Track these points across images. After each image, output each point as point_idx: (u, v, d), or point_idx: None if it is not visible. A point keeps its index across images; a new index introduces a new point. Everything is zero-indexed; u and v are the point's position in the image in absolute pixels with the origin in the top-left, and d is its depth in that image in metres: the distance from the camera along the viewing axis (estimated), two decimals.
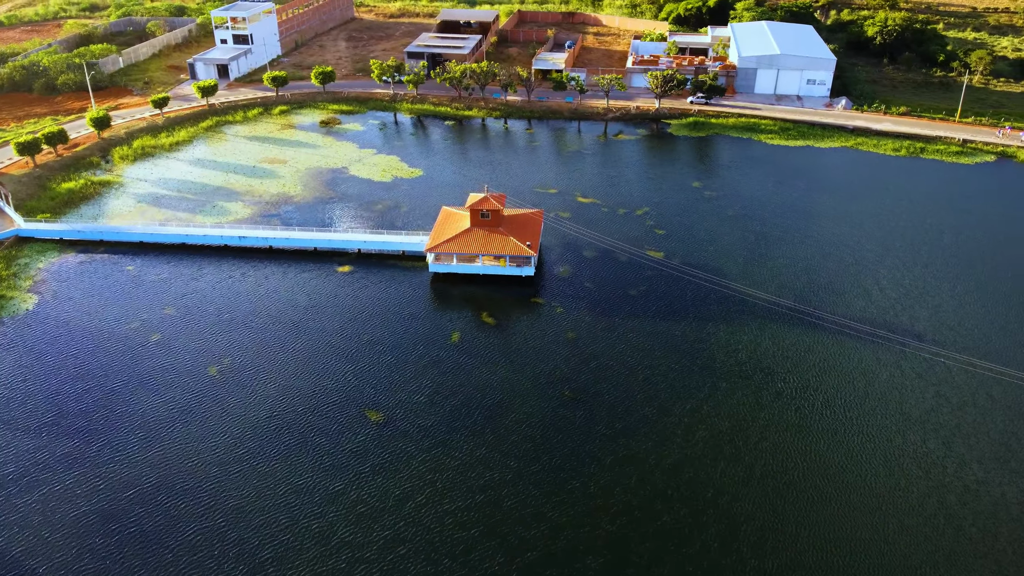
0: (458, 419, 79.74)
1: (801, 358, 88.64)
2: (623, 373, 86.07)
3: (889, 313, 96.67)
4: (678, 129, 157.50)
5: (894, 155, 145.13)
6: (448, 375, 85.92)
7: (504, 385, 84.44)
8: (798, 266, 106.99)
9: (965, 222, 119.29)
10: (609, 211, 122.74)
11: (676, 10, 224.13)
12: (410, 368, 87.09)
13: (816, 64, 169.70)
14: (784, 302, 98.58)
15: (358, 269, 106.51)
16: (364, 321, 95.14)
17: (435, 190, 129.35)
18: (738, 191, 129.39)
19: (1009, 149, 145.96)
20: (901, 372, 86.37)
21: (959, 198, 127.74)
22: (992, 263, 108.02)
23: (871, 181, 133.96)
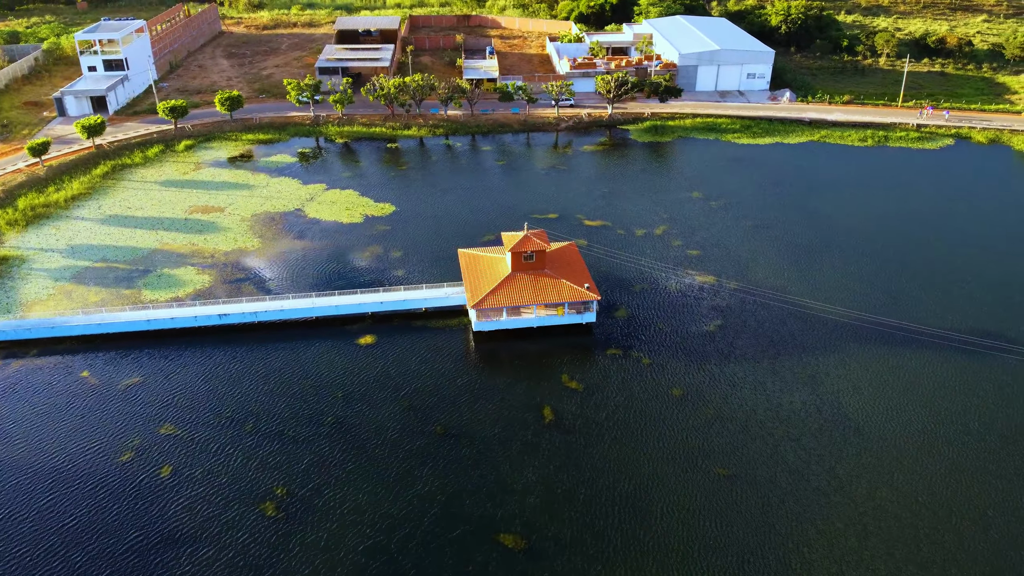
0: (614, 525, 64.52)
1: (955, 382, 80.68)
2: (764, 436, 74.06)
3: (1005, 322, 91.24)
4: (639, 135, 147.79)
5: (862, 145, 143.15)
6: (565, 466, 70.10)
7: (643, 470, 69.78)
8: (859, 275, 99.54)
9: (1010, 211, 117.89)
10: (626, 233, 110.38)
11: (577, 8, 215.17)
12: (511, 464, 70.44)
13: (756, 58, 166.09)
14: (869, 316, 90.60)
15: (382, 337, 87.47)
16: (424, 407, 77.00)
17: (421, 228, 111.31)
18: (741, 198, 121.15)
19: (962, 130, 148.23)
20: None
21: (969, 185, 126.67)
22: None
23: (861, 175, 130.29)
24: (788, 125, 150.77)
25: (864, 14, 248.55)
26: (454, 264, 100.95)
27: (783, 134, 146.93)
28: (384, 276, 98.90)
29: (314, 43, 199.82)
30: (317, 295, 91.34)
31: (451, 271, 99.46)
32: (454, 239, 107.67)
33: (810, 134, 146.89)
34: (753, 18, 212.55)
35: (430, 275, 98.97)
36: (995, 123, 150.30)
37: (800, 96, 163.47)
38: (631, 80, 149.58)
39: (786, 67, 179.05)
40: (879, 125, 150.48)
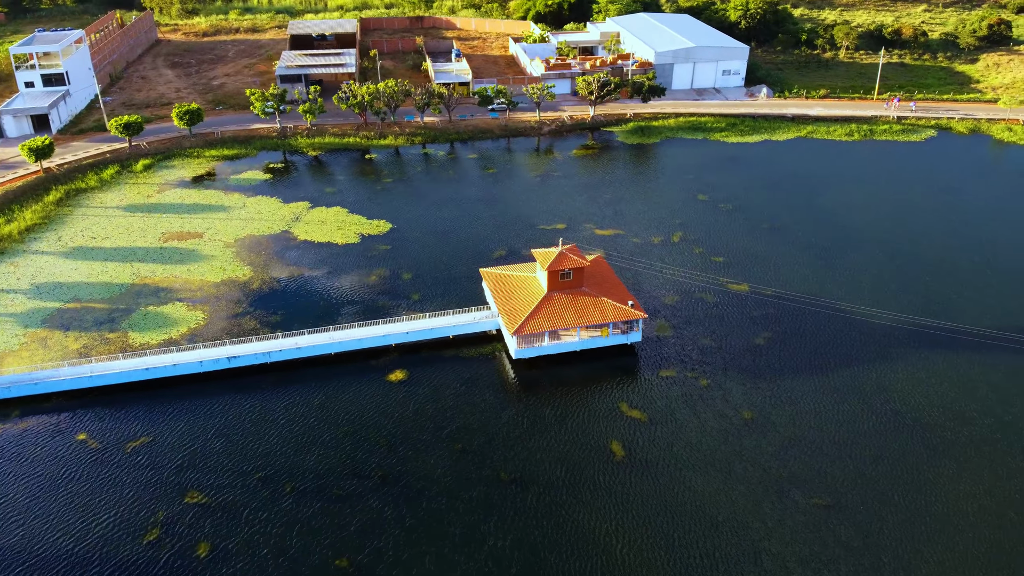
0: (729, 571, 58.65)
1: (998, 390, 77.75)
2: (843, 458, 69.45)
3: None
4: (626, 136, 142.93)
5: (849, 140, 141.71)
6: (648, 508, 63.86)
7: (738, 506, 64.06)
8: (888, 275, 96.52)
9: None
10: (642, 242, 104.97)
11: (534, 7, 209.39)
12: (587, 510, 63.77)
13: (730, 54, 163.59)
14: (913, 319, 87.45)
15: (412, 371, 79.47)
16: (475, 449, 69.54)
17: (425, 246, 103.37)
18: (749, 199, 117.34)
19: (942, 121, 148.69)
20: None
21: (969, 176, 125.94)
22: None
23: (859, 170, 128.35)
24: (772, 122, 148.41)
25: (810, 7, 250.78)
26: (472, 284, 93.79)
27: (770, 131, 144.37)
28: (399, 302, 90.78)
29: (263, 49, 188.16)
30: (334, 328, 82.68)
31: (470, 293, 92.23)
32: (464, 257, 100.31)
33: (796, 130, 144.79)
34: (710, 14, 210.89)
35: (448, 298, 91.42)
36: (964, 112, 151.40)
37: (777, 92, 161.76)
38: (614, 80, 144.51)
39: (758, 63, 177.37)
40: (860, 119, 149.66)
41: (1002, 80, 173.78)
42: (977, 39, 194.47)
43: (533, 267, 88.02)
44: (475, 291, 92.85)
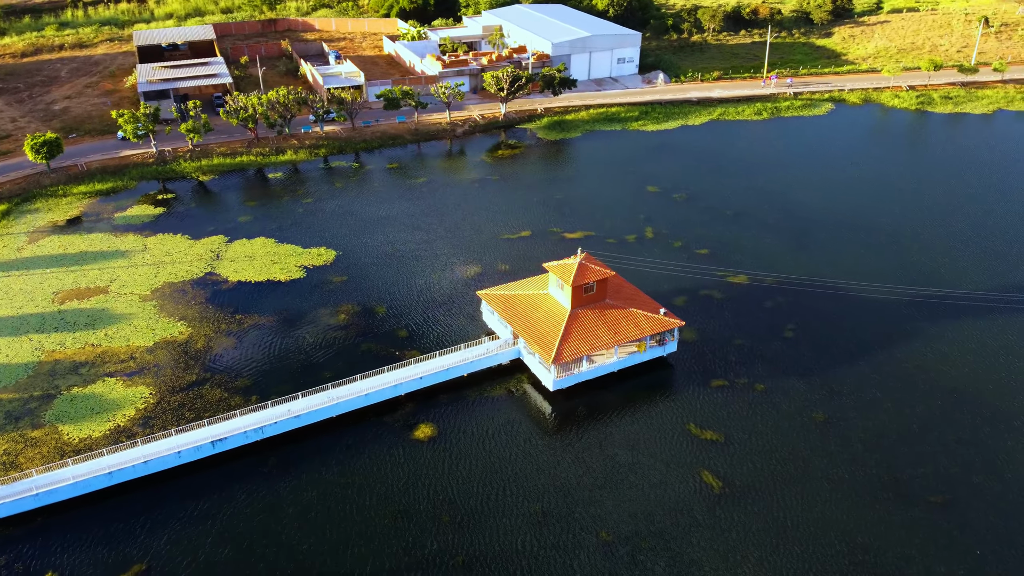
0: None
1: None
2: (928, 442, 65.41)
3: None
4: (545, 133, 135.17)
5: (759, 119, 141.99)
6: (779, 543, 56.43)
7: (867, 519, 57.82)
8: (866, 248, 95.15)
9: (961, 166, 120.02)
10: (618, 241, 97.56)
11: (396, 3, 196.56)
12: (715, 560, 55.44)
13: (625, 41, 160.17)
14: (915, 289, 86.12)
15: (439, 423, 67.21)
16: (559, 509, 59.07)
17: (385, 272, 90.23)
18: (697, 186, 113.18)
19: (833, 93, 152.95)
20: None
21: (887, 143, 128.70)
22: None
23: (782, 148, 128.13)
24: (681, 107, 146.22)
25: None
26: (460, 309, 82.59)
27: (683, 116, 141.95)
28: (387, 343, 77.69)
29: (100, 66, 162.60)
30: (332, 385, 68.53)
31: (462, 320, 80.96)
32: (436, 280, 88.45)
33: (708, 114, 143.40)
34: (577, 2, 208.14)
35: (441, 329, 79.56)
36: (836, 83, 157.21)
37: (673, 77, 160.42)
38: (524, 74, 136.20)
39: (646, 50, 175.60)
40: (759, 98, 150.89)
41: (865, 51, 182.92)
42: (827, 14, 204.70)
43: (539, 282, 78.18)
44: (467, 317, 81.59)
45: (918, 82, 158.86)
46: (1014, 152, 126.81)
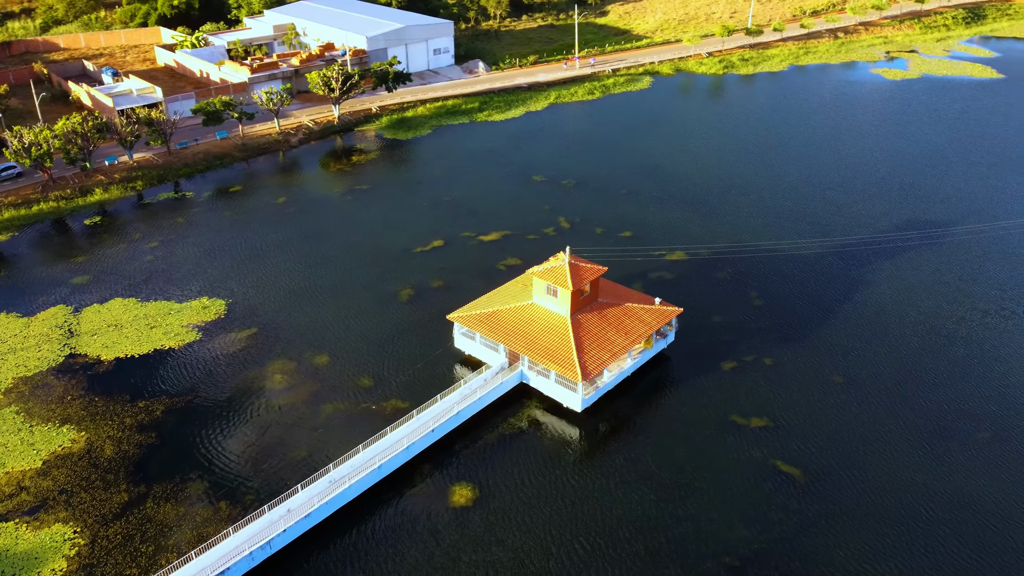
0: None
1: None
2: (957, 381, 65.96)
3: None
4: (391, 132, 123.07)
5: (592, 98, 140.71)
6: (909, 515, 52.91)
7: (953, 465, 56.21)
8: (768, 209, 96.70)
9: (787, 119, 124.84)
10: (539, 237, 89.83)
11: (153, 11, 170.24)
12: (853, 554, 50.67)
13: (439, 31, 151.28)
14: (844, 239, 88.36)
15: (476, 481, 55.63)
16: (670, 550, 51.01)
17: (302, 317, 74.97)
18: (577, 171, 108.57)
19: (646, 66, 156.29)
20: None
21: (726, 104, 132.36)
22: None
23: (633, 123, 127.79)
24: (515, 94, 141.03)
25: None
26: (421, 336, 70.79)
27: (523, 103, 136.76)
28: (352, 396, 63.78)
29: None
30: (334, 464, 53.98)
31: (428, 348, 69.11)
32: (370, 311, 75.14)
33: (545, 98, 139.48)
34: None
35: (406, 366, 67.13)
36: (635, 59, 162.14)
37: (493, 65, 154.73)
38: (355, 72, 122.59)
39: (459, 39, 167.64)
40: (583, 78, 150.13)
41: (648, 26, 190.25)
42: None
43: (512, 292, 68.74)
44: (430, 345, 69.78)
45: (715, 48, 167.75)
46: (827, 100, 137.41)
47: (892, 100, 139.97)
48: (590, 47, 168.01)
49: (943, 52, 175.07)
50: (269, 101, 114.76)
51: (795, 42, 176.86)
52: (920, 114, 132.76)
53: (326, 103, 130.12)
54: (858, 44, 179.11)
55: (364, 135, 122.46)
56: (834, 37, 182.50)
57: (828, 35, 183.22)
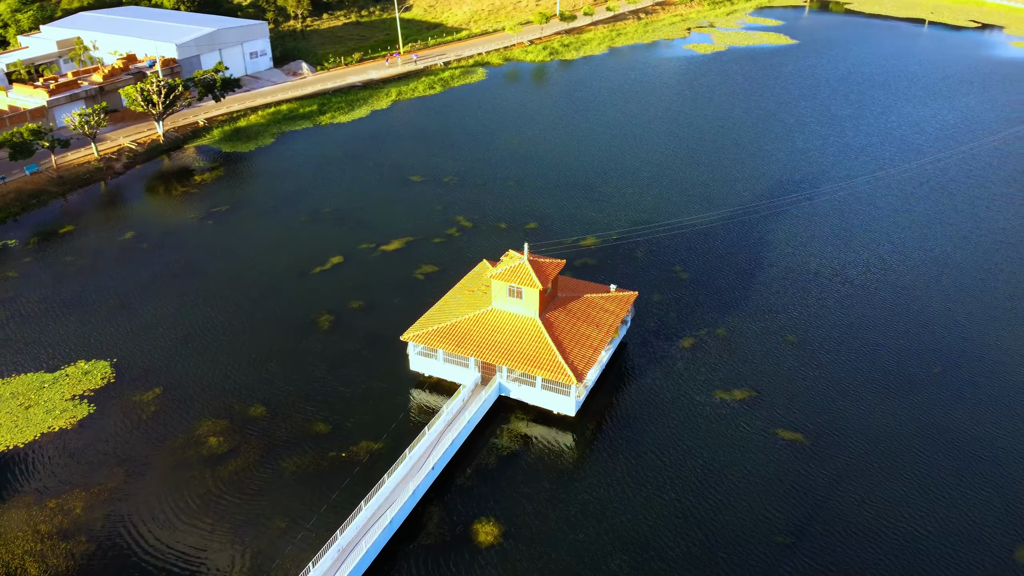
0: None
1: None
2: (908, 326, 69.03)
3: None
4: (229, 145, 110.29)
5: (433, 93, 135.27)
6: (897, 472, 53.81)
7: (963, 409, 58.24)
8: (651, 186, 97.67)
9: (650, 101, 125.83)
10: (444, 239, 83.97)
11: None
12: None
13: (254, 33, 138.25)
14: (737, 209, 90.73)
15: (495, 513, 49.63)
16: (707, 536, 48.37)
17: (204, 362, 64.13)
18: (453, 168, 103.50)
19: (477, 58, 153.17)
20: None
21: (568, 88, 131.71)
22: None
23: (485, 116, 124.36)
24: (352, 93, 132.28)
25: None
26: (368, 365, 63.53)
27: (364, 102, 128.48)
28: (317, 446, 55.06)
29: None
30: (339, 530, 45.61)
31: (381, 375, 61.86)
32: (292, 348, 65.87)
33: (386, 96, 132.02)
34: (146, 3, 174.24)
35: (368, 399, 59.38)
36: (457, 51, 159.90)
37: (317, 65, 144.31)
38: (178, 82, 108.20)
39: (273, 42, 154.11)
40: (418, 73, 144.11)
41: (459, 18, 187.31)
42: None
43: (461, 301, 63.12)
44: (381, 374, 62.30)
45: (535, 36, 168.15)
46: (657, 76, 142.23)
47: (712, 72, 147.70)
48: (413, 42, 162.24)
49: (736, 25, 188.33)
50: (84, 124, 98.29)
51: (605, 25, 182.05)
52: (742, 82, 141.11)
53: (145, 121, 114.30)
54: (660, 23, 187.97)
55: (198, 151, 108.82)
56: (637, 18, 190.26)
57: (631, 16, 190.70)
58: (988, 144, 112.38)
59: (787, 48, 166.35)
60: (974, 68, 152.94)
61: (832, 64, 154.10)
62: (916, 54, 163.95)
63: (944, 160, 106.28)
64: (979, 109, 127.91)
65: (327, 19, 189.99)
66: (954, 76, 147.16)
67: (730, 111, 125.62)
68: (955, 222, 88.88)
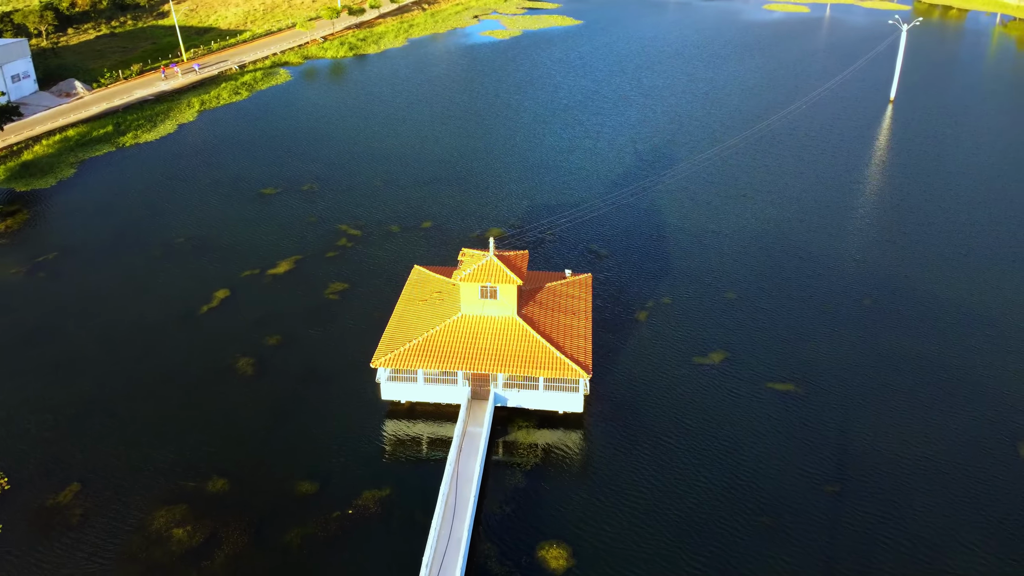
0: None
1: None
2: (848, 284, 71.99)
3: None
4: (23, 183, 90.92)
5: (241, 98, 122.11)
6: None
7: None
8: (529, 177, 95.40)
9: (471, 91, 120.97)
10: (337, 253, 75.27)
11: None
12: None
13: (13, 53, 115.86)
14: (638, 187, 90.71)
15: (560, 534, 44.40)
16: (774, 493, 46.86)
17: (133, 443, 52.00)
18: (312, 172, 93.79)
19: (276, 58, 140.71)
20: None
21: (392, 83, 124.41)
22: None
23: (312, 116, 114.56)
24: (148, 108, 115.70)
25: None
26: (319, 416, 55.64)
27: (167, 116, 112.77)
28: (314, 509, 46.22)
29: None
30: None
31: (355, 417, 54.15)
32: (217, 411, 55.62)
33: (188, 107, 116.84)
34: None
35: (346, 439, 51.22)
36: (239, 55, 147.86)
37: (93, 83, 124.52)
38: None
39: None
40: (217, 80, 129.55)
41: (232, 20, 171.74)
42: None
43: (418, 313, 57.03)
44: (346, 412, 54.14)
45: (327, 32, 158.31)
46: (470, 64, 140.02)
47: (520, 58, 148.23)
48: (195, 48, 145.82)
49: (518, 10, 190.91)
50: None
51: (393, 17, 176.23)
52: (550, 64, 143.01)
53: None
54: (446, 12, 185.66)
55: None
56: (423, 8, 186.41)
57: (416, 7, 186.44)
58: (804, 103, 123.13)
59: (576, 28, 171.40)
60: (748, 32, 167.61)
61: (625, 40, 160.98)
62: (692, 24, 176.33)
63: (782, 118, 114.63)
64: (771, 66, 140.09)
65: (75, 34, 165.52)
66: (734, 41, 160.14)
67: (555, 93, 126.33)
68: (813, 163, 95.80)
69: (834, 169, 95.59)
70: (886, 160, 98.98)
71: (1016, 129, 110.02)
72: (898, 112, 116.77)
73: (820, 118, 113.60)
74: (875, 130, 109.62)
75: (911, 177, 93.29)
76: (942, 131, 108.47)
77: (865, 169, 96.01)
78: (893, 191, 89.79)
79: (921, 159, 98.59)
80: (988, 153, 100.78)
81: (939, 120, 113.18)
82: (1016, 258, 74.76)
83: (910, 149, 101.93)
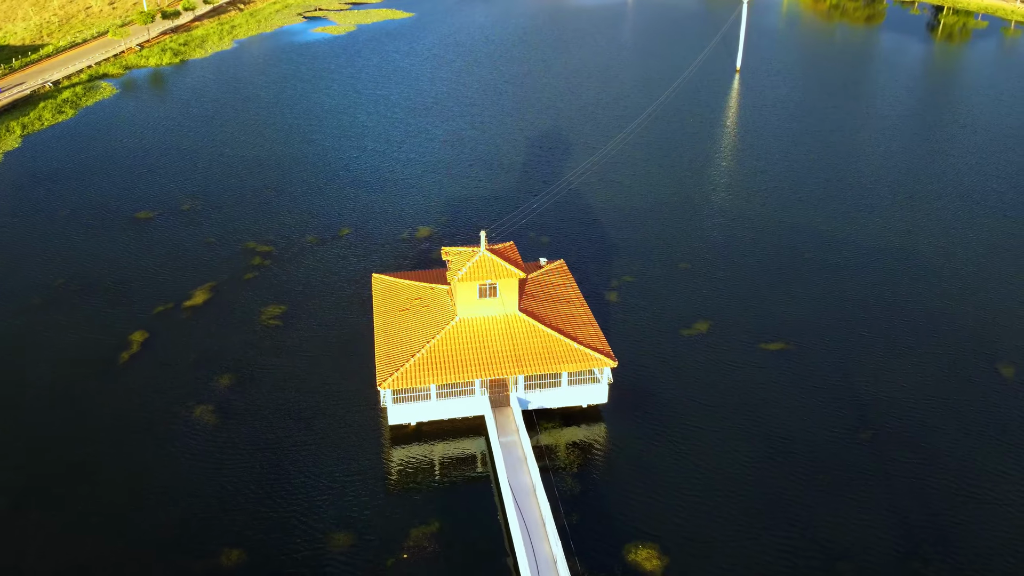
0: None
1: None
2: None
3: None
4: None
5: (66, 117, 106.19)
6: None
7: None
8: (457, 169, 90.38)
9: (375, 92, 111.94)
10: (258, 275, 66.67)
11: None
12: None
13: None
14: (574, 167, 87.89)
15: (647, 536, 41.02)
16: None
17: (127, 515, 42.41)
18: (188, 189, 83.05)
19: (96, 70, 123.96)
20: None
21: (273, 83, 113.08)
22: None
23: (166, 125, 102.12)
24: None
25: None
26: (326, 458, 49.54)
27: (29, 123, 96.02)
28: (358, 562, 39.85)
29: None
30: None
31: (351, 465, 47.66)
32: (191, 491, 47.23)
33: (8, 134, 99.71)
34: None
35: (380, 498, 44.91)
36: (58, 71, 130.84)
37: None
38: None
39: None
40: (31, 100, 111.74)
41: (24, 34, 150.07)
42: None
43: (407, 325, 51.66)
44: (358, 448, 47.73)
45: (142, 39, 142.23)
46: (320, 63, 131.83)
47: (367, 51, 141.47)
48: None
49: (342, 5, 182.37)
50: None
51: (208, 19, 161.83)
52: (400, 58, 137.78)
53: None
54: (265, 11, 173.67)
55: None
56: (239, 9, 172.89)
57: (231, 7, 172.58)
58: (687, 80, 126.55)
59: (411, 21, 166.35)
60: (580, 17, 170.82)
61: (468, 30, 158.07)
62: (521, 11, 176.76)
63: (671, 96, 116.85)
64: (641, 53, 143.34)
65: None
66: (568, 27, 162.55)
67: (417, 84, 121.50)
68: (709, 124, 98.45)
69: (693, 140, 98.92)
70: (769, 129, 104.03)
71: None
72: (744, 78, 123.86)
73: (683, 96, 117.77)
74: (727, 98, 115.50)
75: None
76: (783, 91, 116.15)
77: (728, 136, 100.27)
78: (753, 156, 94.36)
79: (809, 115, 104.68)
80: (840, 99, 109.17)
81: (779, 81, 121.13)
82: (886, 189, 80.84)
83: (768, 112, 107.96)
